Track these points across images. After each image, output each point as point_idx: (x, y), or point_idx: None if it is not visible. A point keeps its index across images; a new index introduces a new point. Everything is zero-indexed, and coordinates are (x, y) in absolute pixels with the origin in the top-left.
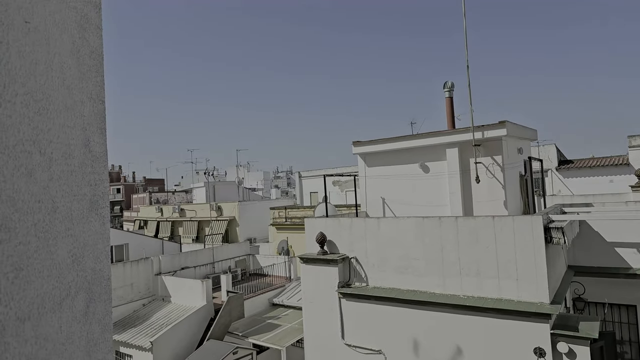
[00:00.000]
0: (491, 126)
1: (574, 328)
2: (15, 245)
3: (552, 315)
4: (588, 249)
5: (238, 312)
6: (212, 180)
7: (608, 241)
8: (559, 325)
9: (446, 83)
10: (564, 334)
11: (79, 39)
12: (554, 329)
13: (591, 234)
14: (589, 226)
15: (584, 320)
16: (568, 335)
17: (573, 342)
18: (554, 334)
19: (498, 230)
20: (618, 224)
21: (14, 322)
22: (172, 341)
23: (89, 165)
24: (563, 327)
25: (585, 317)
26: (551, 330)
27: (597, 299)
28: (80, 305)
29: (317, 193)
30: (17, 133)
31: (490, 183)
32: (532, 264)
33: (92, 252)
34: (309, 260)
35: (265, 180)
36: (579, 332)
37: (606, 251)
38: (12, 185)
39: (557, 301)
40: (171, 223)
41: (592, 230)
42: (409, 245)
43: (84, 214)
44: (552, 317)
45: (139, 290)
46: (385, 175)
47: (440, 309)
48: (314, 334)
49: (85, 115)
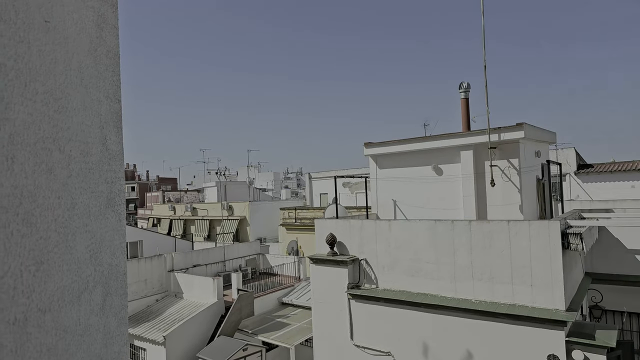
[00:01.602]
0: (508, 128)
1: (591, 336)
2: (36, 240)
3: (568, 322)
4: (607, 255)
5: (248, 310)
6: (224, 180)
7: (628, 248)
8: (574, 332)
9: (462, 84)
10: (579, 342)
11: (96, 38)
12: (569, 336)
13: (611, 240)
14: (608, 232)
15: (600, 329)
16: (584, 344)
17: (589, 351)
18: (569, 341)
19: (513, 235)
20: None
21: (36, 314)
22: (184, 336)
23: (106, 163)
24: (579, 335)
25: (602, 325)
26: (566, 337)
27: (615, 307)
28: (97, 298)
29: (327, 194)
30: (38, 131)
31: (505, 187)
32: (548, 270)
33: (109, 248)
34: (319, 261)
35: (275, 180)
36: (595, 341)
37: (626, 258)
38: (34, 181)
39: (573, 308)
40: (184, 221)
41: (612, 236)
42: (420, 248)
43: (101, 210)
44: (568, 325)
45: (153, 286)
46: (396, 177)
47: (451, 313)
48: (323, 334)
49: (102, 114)
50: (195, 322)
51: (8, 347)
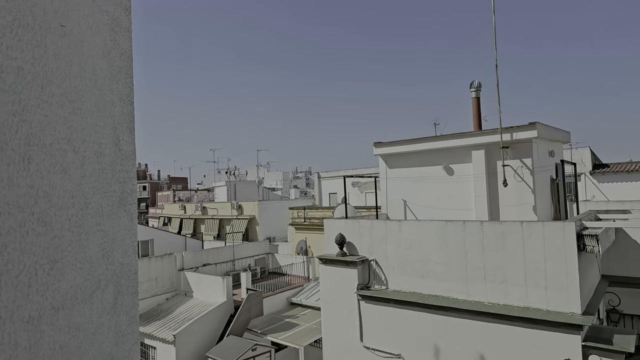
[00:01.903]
0: (521, 127)
1: (608, 341)
2: (51, 239)
3: (584, 326)
4: (624, 258)
5: (257, 310)
6: (233, 179)
7: None
8: (591, 337)
9: (473, 83)
10: (596, 346)
11: (110, 42)
12: (585, 340)
13: (628, 242)
14: (625, 234)
15: (618, 333)
16: (601, 348)
17: (606, 356)
18: (586, 346)
19: (526, 236)
20: None
21: (49, 311)
22: (193, 335)
23: (118, 163)
24: (596, 340)
25: (620, 329)
26: (582, 342)
27: (634, 311)
28: (109, 297)
29: (336, 194)
30: (53, 132)
31: (518, 187)
32: (563, 273)
33: (121, 247)
34: (328, 262)
35: (284, 180)
36: (613, 346)
37: None
38: (49, 181)
39: (590, 312)
40: (194, 220)
41: (630, 238)
42: (431, 249)
43: (113, 210)
44: (584, 329)
45: (163, 285)
46: (407, 177)
47: (463, 315)
48: (332, 335)
49: (115, 116)
50: (204, 321)
51: (22, 345)
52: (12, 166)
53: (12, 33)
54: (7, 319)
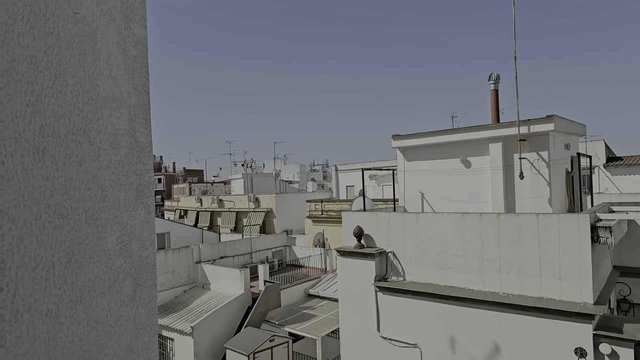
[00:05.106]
0: (538, 120)
1: (618, 330)
2: (68, 232)
3: (596, 315)
4: (636, 249)
5: (275, 302)
6: (250, 172)
7: None
8: (602, 326)
9: (491, 75)
10: (607, 335)
11: (124, 30)
12: (596, 329)
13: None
14: (637, 226)
15: (628, 322)
16: (612, 337)
17: (616, 344)
18: (597, 334)
19: (542, 228)
20: None
21: (68, 304)
22: (211, 327)
23: (135, 155)
24: (606, 328)
25: (630, 318)
26: (594, 331)
27: None
28: (128, 289)
29: (353, 187)
30: (68, 123)
31: (534, 179)
32: (577, 264)
33: (139, 240)
34: (346, 254)
35: (301, 173)
36: (623, 334)
37: None
38: (64, 173)
39: (601, 302)
40: (210, 213)
41: None
42: (448, 241)
43: (130, 202)
44: (596, 318)
45: (180, 277)
46: (424, 170)
47: (478, 306)
48: (349, 325)
49: (131, 106)
50: (222, 313)
51: (41, 338)
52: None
53: (23, 20)
54: (25, 312)
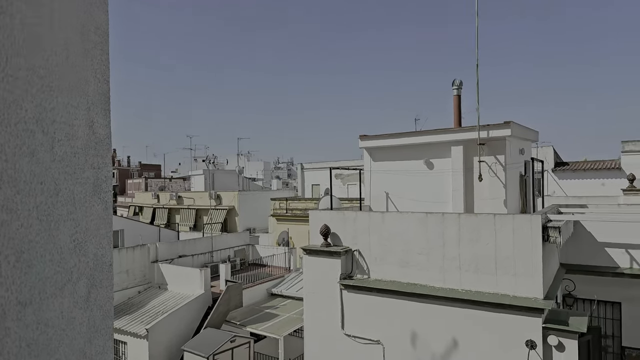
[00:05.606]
0: (496, 126)
1: (564, 322)
2: (16, 228)
3: (545, 310)
4: (580, 248)
5: (236, 301)
6: (212, 168)
7: (599, 241)
8: (550, 319)
9: (454, 81)
10: (554, 327)
11: (83, 14)
12: (545, 323)
13: (584, 233)
14: (582, 226)
15: (573, 315)
16: (558, 329)
17: (563, 336)
18: (546, 327)
19: (498, 228)
20: (610, 225)
21: (15, 307)
22: (168, 329)
23: (92, 147)
24: (554, 322)
25: (574, 312)
26: (543, 324)
27: (586, 296)
28: (82, 290)
29: (319, 185)
30: (20, 110)
31: (492, 182)
32: (529, 261)
33: (95, 238)
34: (313, 252)
35: (265, 170)
36: (569, 327)
37: (597, 251)
38: (14, 165)
39: (550, 297)
40: (168, 210)
41: (585, 230)
42: (411, 240)
43: (86, 197)
44: (545, 312)
45: (135, 277)
46: (390, 170)
47: (439, 302)
48: (314, 323)
49: (89, 95)
50: (180, 314)
51: None
52: None
53: None
54: None
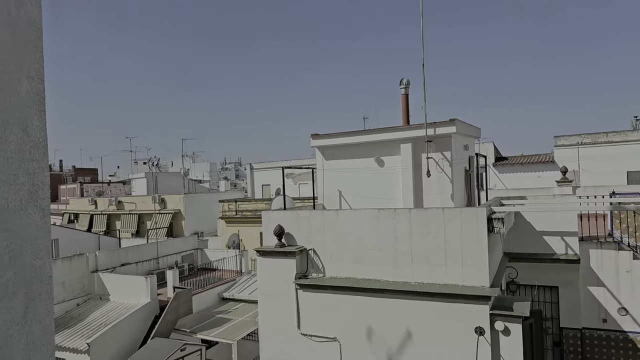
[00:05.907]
0: (442, 123)
1: (509, 308)
2: None
3: (492, 297)
4: (520, 237)
5: (186, 308)
6: (155, 170)
7: (537, 230)
8: (496, 306)
9: (402, 80)
10: (500, 313)
11: (15, 9)
12: (492, 309)
13: (524, 223)
14: (522, 217)
15: (517, 301)
16: (504, 315)
17: (508, 321)
18: (493, 314)
19: (447, 221)
20: (546, 215)
21: None
22: (111, 341)
23: (27, 151)
24: (500, 308)
25: (517, 298)
26: (490, 310)
27: (528, 282)
28: (19, 305)
29: (269, 185)
30: None
31: (439, 177)
32: (476, 252)
33: (31, 248)
34: (266, 253)
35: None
36: (513, 312)
37: (536, 239)
38: None
39: (496, 285)
40: (107, 216)
41: (525, 220)
42: (365, 236)
43: (21, 205)
44: (491, 299)
45: (72, 289)
46: (342, 169)
47: (392, 296)
48: (269, 325)
49: (22, 95)
50: (124, 325)
51: None
52: None
53: None
54: None
